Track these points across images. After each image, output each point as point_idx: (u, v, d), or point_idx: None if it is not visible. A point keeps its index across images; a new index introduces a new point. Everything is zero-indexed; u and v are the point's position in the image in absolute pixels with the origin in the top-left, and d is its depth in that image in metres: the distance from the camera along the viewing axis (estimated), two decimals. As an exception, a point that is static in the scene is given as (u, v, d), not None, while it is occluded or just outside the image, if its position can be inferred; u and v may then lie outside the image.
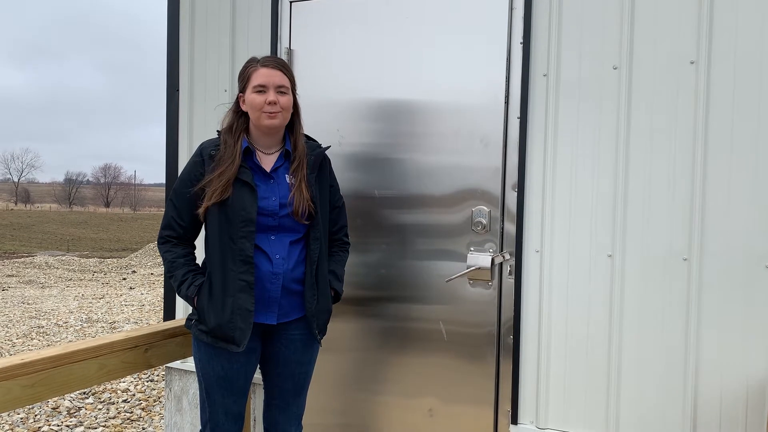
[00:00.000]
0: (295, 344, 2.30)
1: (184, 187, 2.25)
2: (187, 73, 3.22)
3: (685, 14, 2.34)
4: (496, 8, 2.59)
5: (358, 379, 2.91)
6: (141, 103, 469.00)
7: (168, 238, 2.29)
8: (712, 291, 2.34)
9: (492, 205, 2.63)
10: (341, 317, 2.90)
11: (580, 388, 2.53)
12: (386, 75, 2.80)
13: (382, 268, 2.84)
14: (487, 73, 2.61)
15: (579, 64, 2.49)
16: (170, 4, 3.26)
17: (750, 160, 2.28)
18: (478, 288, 2.67)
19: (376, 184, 2.84)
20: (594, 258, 2.49)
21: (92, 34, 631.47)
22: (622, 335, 2.46)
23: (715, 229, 2.33)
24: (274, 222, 2.20)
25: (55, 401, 4.64)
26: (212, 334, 2.18)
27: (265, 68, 2.20)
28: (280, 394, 2.36)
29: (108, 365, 2.22)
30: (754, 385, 2.30)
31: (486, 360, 2.66)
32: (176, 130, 3.25)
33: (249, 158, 2.23)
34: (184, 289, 2.22)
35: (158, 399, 4.81)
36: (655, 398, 2.43)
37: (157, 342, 2.42)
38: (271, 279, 2.19)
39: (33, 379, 1.97)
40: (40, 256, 20.80)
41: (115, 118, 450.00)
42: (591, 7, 2.47)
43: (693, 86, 2.34)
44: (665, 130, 2.38)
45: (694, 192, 2.34)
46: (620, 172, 2.44)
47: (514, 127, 2.59)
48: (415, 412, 2.80)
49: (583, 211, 2.50)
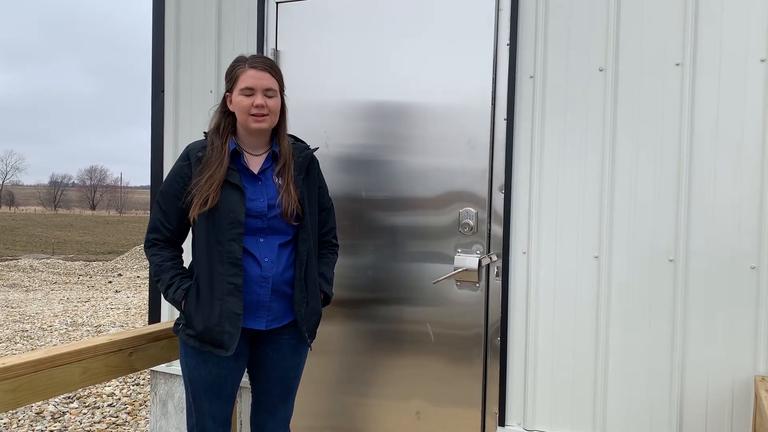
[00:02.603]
0: (284, 349, 2.29)
1: (171, 190, 2.23)
2: (173, 75, 3.20)
3: (671, 17, 2.36)
4: (482, 10, 2.59)
5: (345, 382, 2.90)
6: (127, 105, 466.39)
7: (155, 242, 2.26)
8: (698, 292, 2.35)
9: (479, 207, 2.63)
10: (329, 319, 2.88)
11: (567, 390, 2.53)
12: (373, 76, 2.79)
13: (369, 270, 2.83)
14: (473, 75, 2.61)
15: (566, 66, 2.49)
16: (155, 5, 3.24)
17: (735, 161, 2.30)
18: (465, 290, 2.67)
19: (364, 186, 2.83)
20: (580, 259, 2.49)
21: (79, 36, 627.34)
22: (609, 336, 2.46)
23: (701, 231, 2.34)
24: (263, 224, 2.18)
25: (39, 406, 4.58)
26: (200, 338, 2.15)
27: (254, 69, 2.17)
28: (267, 399, 2.34)
29: (91, 369, 2.19)
30: (739, 386, 2.31)
31: (473, 362, 2.66)
32: (161, 131, 3.23)
33: (236, 160, 2.21)
34: (171, 292, 2.19)
35: (144, 403, 4.77)
36: (641, 400, 2.43)
37: (141, 345, 2.40)
38: (260, 283, 2.17)
39: (14, 383, 1.94)
40: (24, 259, 20.57)
41: (100, 120, 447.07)
42: (578, 9, 2.47)
43: (678, 88, 2.35)
44: (651, 132, 2.39)
45: (680, 193, 2.36)
46: (606, 173, 2.45)
47: (501, 128, 2.59)
48: (402, 415, 2.79)
49: (570, 212, 2.50)
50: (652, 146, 2.39)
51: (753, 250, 2.28)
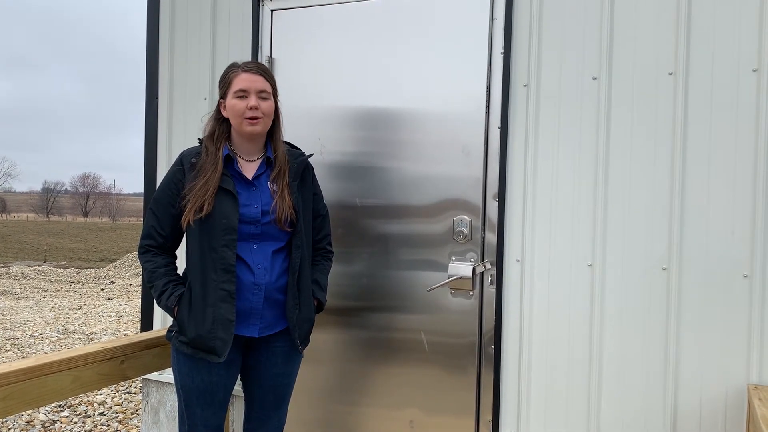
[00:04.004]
0: (277, 356, 2.28)
1: (165, 197, 2.22)
2: (167, 82, 3.19)
3: (664, 26, 2.37)
4: (477, 18, 2.60)
5: (339, 390, 2.89)
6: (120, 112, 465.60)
7: (148, 248, 2.26)
8: (692, 300, 2.35)
9: (473, 215, 2.63)
10: (322, 327, 2.87)
11: (561, 398, 2.53)
12: (367, 84, 2.80)
13: (363, 278, 2.83)
14: (468, 83, 2.62)
15: (559, 75, 2.50)
16: (150, 13, 3.24)
17: (729, 170, 2.31)
18: (459, 298, 2.66)
19: (358, 193, 2.83)
20: (574, 267, 2.49)
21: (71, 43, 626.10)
22: (603, 344, 2.46)
23: (694, 239, 2.35)
24: (257, 230, 2.17)
25: (30, 414, 4.53)
26: (192, 344, 2.14)
27: (247, 73, 2.18)
28: (260, 407, 2.33)
29: (82, 377, 2.18)
30: (732, 394, 2.31)
31: (467, 370, 2.65)
32: (155, 138, 3.22)
33: (230, 166, 2.20)
34: (164, 299, 2.18)
35: (135, 411, 4.73)
36: (635, 407, 2.43)
37: (133, 353, 2.38)
38: (252, 290, 2.16)
39: (4, 392, 1.92)
40: (15, 266, 20.44)
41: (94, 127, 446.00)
42: (571, 18, 2.49)
43: (672, 97, 2.36)
44: (645, 140, 2.40)
45: (673, 202, 2.37)
46: (600, 182, 2.45)
47: (494, 136, 2.59)
48: (396, 424, 2.78)
49: (564, 220, 2.51)
50: (646, 154, 2.40)
51: (746, 259, 2.29)
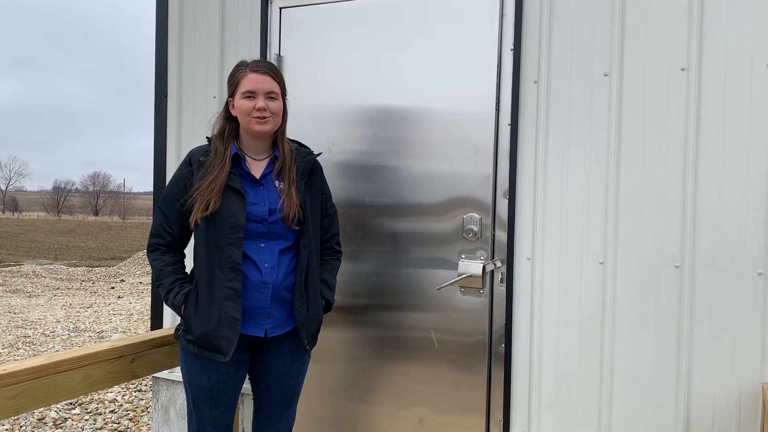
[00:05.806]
0: (285, 356, 2.27)
1: (173, 195, 2.23)
2: (176, 80, 3.19)
3: (676, 22, 2.35)
4: (486, 15, 2.58)
5: (348, 389, 2.88)
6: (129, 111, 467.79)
7: (156, 246, 2.26)
8: (704, 298, 2.33)
9: (483, 213, 2.62)
10: (332, 325, 2.87)
11: (572, 397, 2.51)
12: (377, 82, 2.79)
13: (372, 276, 2.82)
14: (477, 80, 2.60)
15: (570, 71, 2.48)
16: (159, 11, 3.24)
17: (741, 167, 2.28)
18: (469, 296, 2.65)
19: (367, 192, 2.82)
20: (585, 265, 2.47)
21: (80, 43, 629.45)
22: (614, 343, 2.44)
23: (707, 237, 2.32)
24: (264, 228, 2.17)
25: (41, 412, 4.56)
26: (198, 343, 2.14)
27: (255, 73, 2.18)
28: (269, 407, 2.32)
29: (93, 375, 2.18)
30: (746, 393, 2.29)
31: (477, 369, 2.64)
32: (164, 137, 3.22)
33: (238, 164, 2.20)
34: (171, 297, 2.18)
35: (146, 409, 4.75)
36: (647, 406, 2.41)
37: (143, 352, 2.38)
38: (259, 288, 2.16)
39: (15, 390, 1.92)
40: (27, 265, 20.59)
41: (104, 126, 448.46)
42: (581, 14, 2.46)
43: (684, 93, 2.34)
44: (656, 137, 2.38)
45: (686, 199, 2.34)
46: (611, 179, 2.43)
47: (504, 134, 2.57)
48: (405, 422, 2.77)
49: (574, 218, 2.49)
50: (658, 151, 2.38)
51: (760, 257, 2.26)
